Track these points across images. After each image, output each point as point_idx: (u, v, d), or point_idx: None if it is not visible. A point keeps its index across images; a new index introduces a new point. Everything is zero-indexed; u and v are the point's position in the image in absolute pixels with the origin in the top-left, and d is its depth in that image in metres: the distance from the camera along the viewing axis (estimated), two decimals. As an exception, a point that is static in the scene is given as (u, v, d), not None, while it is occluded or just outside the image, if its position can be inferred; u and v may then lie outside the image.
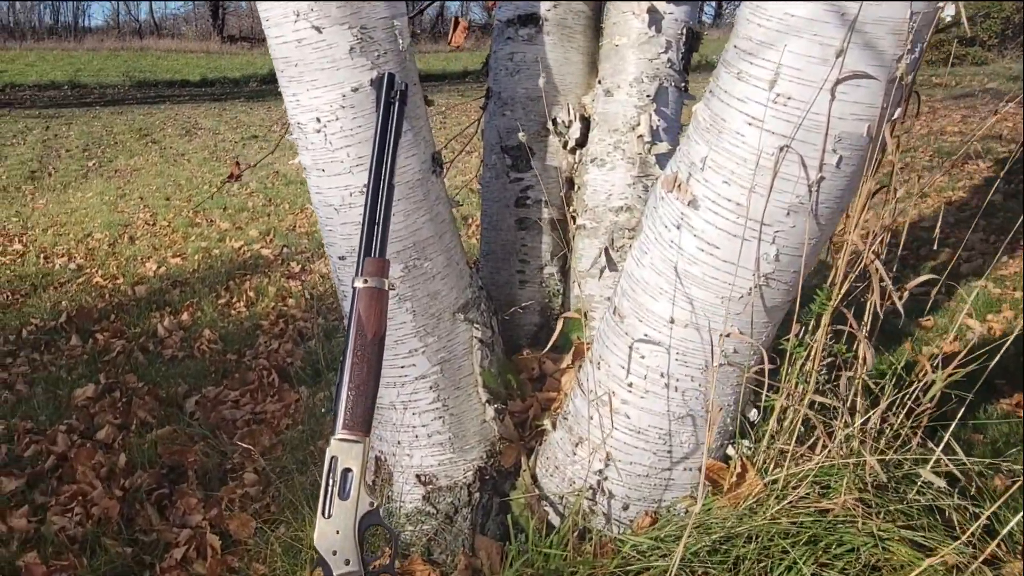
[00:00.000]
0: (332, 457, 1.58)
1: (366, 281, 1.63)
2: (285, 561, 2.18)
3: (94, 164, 11.05)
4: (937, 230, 1.90)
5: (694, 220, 1.66)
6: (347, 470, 1.59)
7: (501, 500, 2.08)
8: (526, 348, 2.33)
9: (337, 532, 1.57)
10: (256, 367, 3.69)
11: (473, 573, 2.01)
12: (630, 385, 1.82)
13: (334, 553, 1.57)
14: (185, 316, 4.43)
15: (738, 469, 1.80)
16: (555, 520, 1.99)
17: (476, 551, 2.04)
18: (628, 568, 1.74)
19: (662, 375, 1.78)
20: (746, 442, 1.89)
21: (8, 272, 5.47)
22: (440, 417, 2.10)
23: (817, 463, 1.69)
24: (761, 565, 1.70)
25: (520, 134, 2.22)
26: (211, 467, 2.87)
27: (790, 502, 1.69)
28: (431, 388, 2.07)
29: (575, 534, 1.89)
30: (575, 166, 2.30)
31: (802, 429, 1.80)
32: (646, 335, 1.77)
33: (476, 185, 2.86)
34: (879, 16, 1.43)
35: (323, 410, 2.40)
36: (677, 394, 1.79)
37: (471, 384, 2.12)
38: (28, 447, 3.14)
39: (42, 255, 5.92)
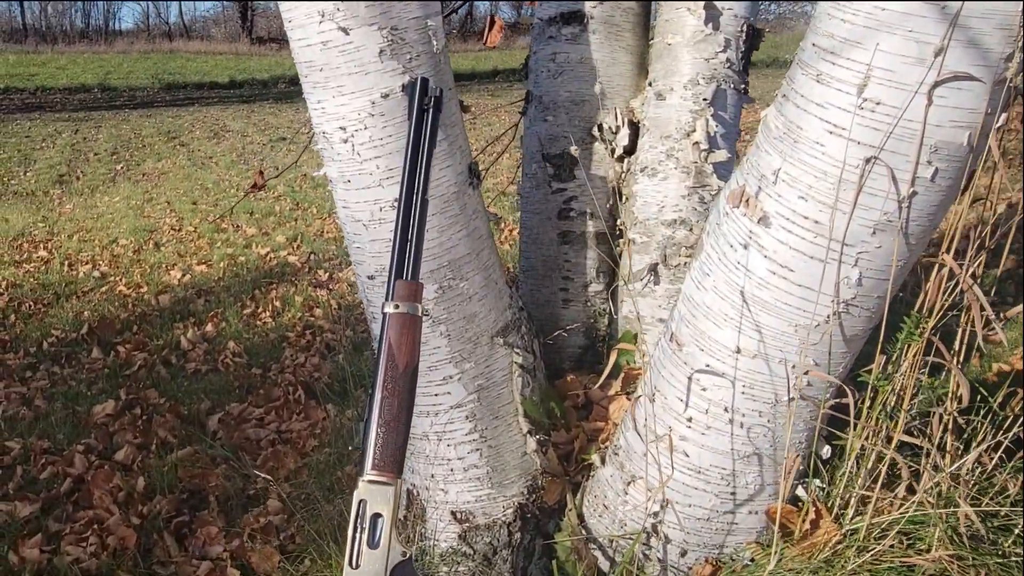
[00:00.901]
0: (360, 501, 1.42)
1: (397, 306, 1.47)
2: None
3: (122, 168, 11.03)
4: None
5: (764, 239, 1.48)
6: (377, 515, 1.42)
7: (545, 542, 1.91)
8: (569, 372, 2.16)
9: None
10: (282, 382, 3.55)
11: (514, 623, 1.84)
12: (689, 420, 1.65)
13: (363, 610, 1.40)
14: (209, 327, 4.30)
15: (811, 515, 1.61)
16: (604, 565, 1.82)
17: (518, 598, 1.87)
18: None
19: (726, 410, 1.60)
20: (817, 482, 1.70)
21: (32, 280, 5.38)
22: (477, 449, 1.93)
23: (905, 511, 1.50)
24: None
25: (571, 147, 2.05)
26: (233, 492, 2.73)
27: (873, 555, 1.51)
28: (467, 418, 1.91)
29: (627, 583, 1.71)
30: (623, 175, 2.12)
31: (882, 471, 1.61)
32: (708, 365, 1.59)
33: (510, 189, 2.69)
34: (986, 9, 1.24)
35: (350, 448, 2.25)
36: (742, 431, 1.60)
37: (511, 413, 1.95)
38: (44, 468, 3.01)
39: (66, 262, 5.83)
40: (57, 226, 7.23)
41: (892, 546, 1.51)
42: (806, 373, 1.48)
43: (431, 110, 1.55)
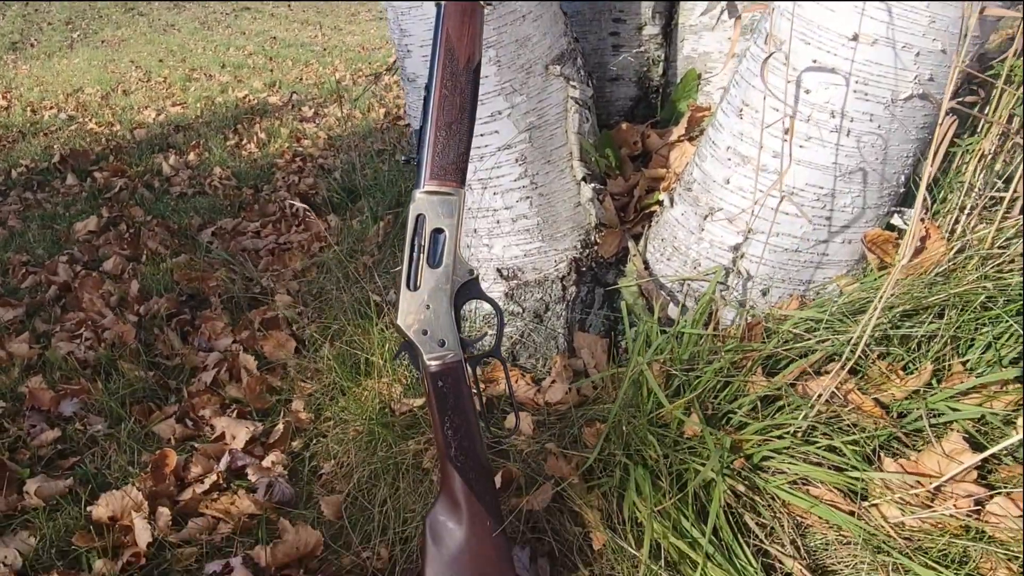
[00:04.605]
0: (418, 215, 1.22)
1: (456, -9, 1.24)
2: (340, 373, 1.84)
3: (79, 36, 10.42)
4: None
5: None
6: (438, 231, 1.22)
7: (607, 289, 1.73)
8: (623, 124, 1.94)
9: (428, 307, 1.21)
10: (276, 200, 3.31)
11: (573, 375, 1.67)
12: (785, 132, 1.45)
13: (424, 332, 1.21)
14: (192, 156, 4.01)
15: (920, 233, 1.44)
16: (674, 313, 1.64)
17: (577, 350, 1.70)
18: (790, 350, 1.40)
19: (833, 114, 1.40)
20: (909, 211, 1.53)
21: (-8, 123, 5.02)
22: (527, 198, 1.73)
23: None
24: (956, 343, 1.36)
25: None
26: (236, 293, 2.52)
27: (997, 266, 1.34)
28: (517, 161, 1.70)
29: (704, 324, 1.54)
30: None
31: (1001, 186, 1.43)
32: (815, 61, 1.39)
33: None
34: None
35: (401, 159, 2.03)
36: (850, 139, 1.41)
37: (564, 158, 1.74)
38: (25, 278, 2.78)
39: (29, 108, 5.44)
40: (15, 82, 6.78)
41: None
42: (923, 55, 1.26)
43: None
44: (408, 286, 1.22)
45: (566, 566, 1.35)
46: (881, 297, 1.26)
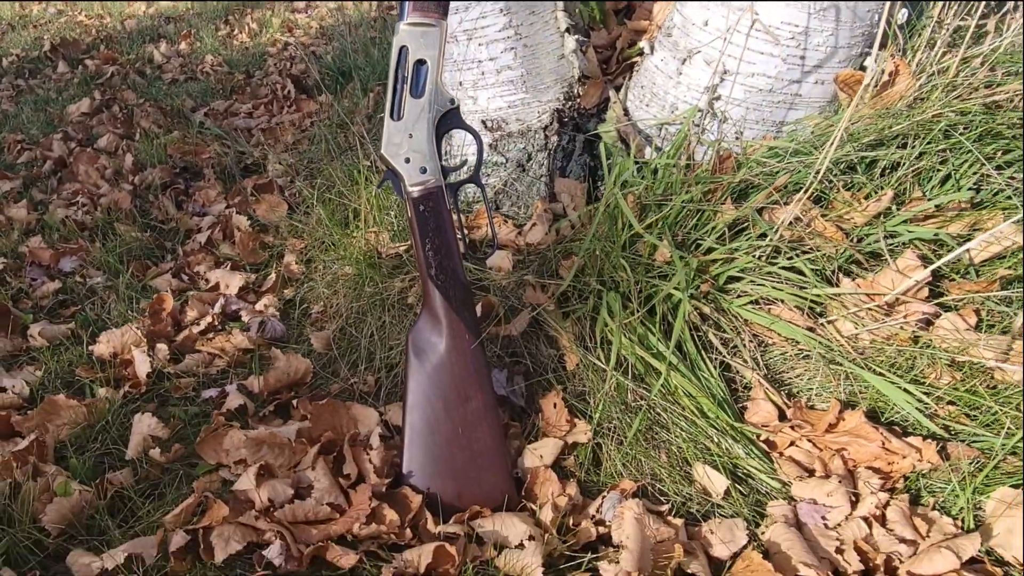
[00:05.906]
0: (401, 47, 1.26)
1: None
2: (331, 226, 1.90)
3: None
4: None
5: None
6: (420, 62, 1.26)
7: (587, 135, 1.77)
8: (606, -19, 1.96)
9: (410, 136, 1.27)
10: (268, 83, 3.32)
11: (553, 217, 1.73)
12: (761, -32, 1.48)
13: (407, 160, 1.27)
14: (183, 46, 4.00)
15: (889, 68, 1.48)
16: (649, 155, 1.69)
17: (557, 194, 1.76)
18: (759, 177, 1.46)
19: (806, -53, 1.43)
20: (882, 53, 1.56)
21: (-20, 16, 4.98)
22: (512, 48, 1.76)
23: (1008, 38, 1.36)
24: (918, 172, 1.42)
25: None
26: (229, 164, 2.56)
27: (959, 95, 1.39)
28: (502, 11, 1.73)
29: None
30: None
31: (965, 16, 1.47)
32: None
33: None
34: None
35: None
36: (823, -26, 1.44)
37: (548, 9, 1.77)
38: (20, 154, 2.82)
39: (17, 3, 5.39)
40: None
41: (987, 83, 1.39)
42: None
43: None
44: (392, 116, 1.27)
45: (540, 384, 1.43)
46: (843, 124, 1.31)
